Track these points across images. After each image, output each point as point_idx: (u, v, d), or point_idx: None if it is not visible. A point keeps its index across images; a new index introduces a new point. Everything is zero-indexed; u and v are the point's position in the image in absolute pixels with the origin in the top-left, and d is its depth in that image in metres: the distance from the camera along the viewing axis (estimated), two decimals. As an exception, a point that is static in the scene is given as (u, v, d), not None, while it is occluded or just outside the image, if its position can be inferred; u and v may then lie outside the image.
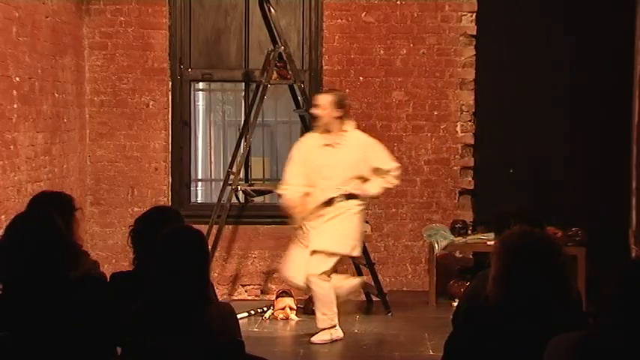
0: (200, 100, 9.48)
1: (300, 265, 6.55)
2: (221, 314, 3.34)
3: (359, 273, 7.79)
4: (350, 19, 7.99)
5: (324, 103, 6.55)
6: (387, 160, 6.68)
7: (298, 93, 7.59)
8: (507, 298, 2.97)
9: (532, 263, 2.96)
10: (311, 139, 6.74)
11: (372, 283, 7.47)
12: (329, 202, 6.56)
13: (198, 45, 8.18)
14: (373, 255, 7.74)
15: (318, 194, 6.58)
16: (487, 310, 3.02)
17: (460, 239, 7.69)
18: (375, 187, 6.65)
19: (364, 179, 6.62)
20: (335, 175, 6.54)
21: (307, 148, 6.69)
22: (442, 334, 4.32)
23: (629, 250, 7.59)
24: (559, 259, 3.02)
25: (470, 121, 8.05)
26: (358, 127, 8.00)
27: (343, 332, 6.59)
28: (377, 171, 6.62)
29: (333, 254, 6.53)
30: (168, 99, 8.08)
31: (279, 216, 8.17)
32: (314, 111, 6.64)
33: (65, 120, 7.35)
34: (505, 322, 2.96)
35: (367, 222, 8.02)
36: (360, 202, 6.63)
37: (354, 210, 6.59)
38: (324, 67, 8.02)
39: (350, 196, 6.57)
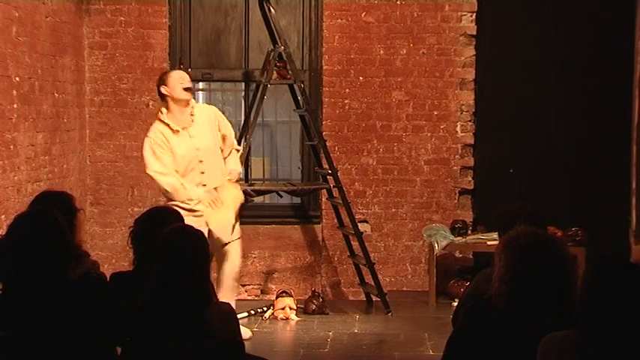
0: (200, 100, 9.47)
1: None
2: (221, 314, 3.34)
3: (359, 273, 7.80)
4: (350, 19, 7.99)
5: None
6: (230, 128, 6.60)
7: (298, 93, 7.59)
8: (511, 297, 2.97)
9: (537, 263, 2.97)
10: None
11: (372, 283, 7.47)
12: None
13: (198, 45, 8.18)
14: (373, 255, 7.75)
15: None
16: (491, 310, 3.02)
17: (460, 239, 7.70)
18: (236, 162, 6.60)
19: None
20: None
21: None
22: (442, 334, 4.34)
23: (629, 250, 7.59)
24: (564, 258, 3.02)
25: (470, 121, 8.05)
26: (358, 127, 8.04)
27: (343, 332, 6.59)
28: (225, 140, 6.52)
29: None
30: (168, 99, 8.07)
31: (279, 216, 8.21)
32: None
33: (65, 120, 7.35)
34: (509, 321, 2.96)
35: (367, 222, 8.04)
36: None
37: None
38: (324, 67, 8.02)
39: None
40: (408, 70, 8.01)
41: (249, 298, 8.06)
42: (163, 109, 6.36)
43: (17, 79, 6.22)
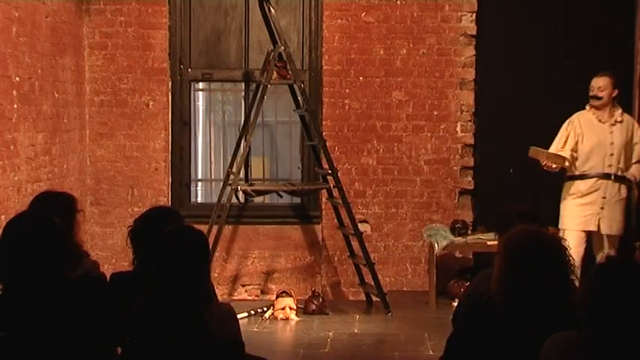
0: (200, 100, 9.47)
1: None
2: (221, 314, 3.34)
3: (359, 273, 7.80)
4: (350, 19, 7.99)
5: (604, 84, 6.88)
6: None
7: (298, 93, 7.59)
8: (511, 297, 2.97)
9: (536, 263, 2.97)
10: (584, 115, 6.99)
11: (372, 283, 7.47)
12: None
13: (198, 45, 8.18)
14: (373, 255, 7.75)
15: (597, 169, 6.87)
16: (491, 309, 3.03)
17: (460, 239, 7.70)
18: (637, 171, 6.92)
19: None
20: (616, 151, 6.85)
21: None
22: (442, 334, 4.33)
23: (629, 249, 7.58)
24: (563, 258, 3.03)
25: (470, 121, 8.05)
26: (358, 127, 8.04)
27: (343, 332, 6.59)
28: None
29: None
30: (168, 99, 8.08)
31: (279, 216, 8.21)
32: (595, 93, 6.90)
33: (65, 120, 7.35)
34: (509, 320, 2.96)
35: (367, 222, 8.04)
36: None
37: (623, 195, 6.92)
38: (324, 67, 8.02)
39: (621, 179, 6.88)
40: (408, 70, 8.01)
41: (249, 298, 8.06)
42: None
43: (17, 79, 6.22)
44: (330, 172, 7.46)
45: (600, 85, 6.90)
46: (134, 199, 8.05)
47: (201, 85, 8.76)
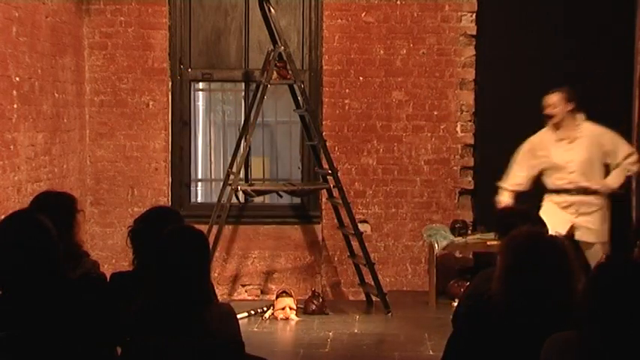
0: (200, 100, 9.47)
1: None
2: (221, 314, 3.34)
3: (359, 273, 7.80)
4: (350, 19, 7.99)
5: (555, 101, 6.79)
6: (622, 147, 6.85)
7: (298, 93, 7.59)
8: (513, 297, 2.98)
9: (538, 264, 2.97)
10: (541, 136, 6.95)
11: (372, 283, 7.47)
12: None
13: (198, 45, 8.18)
14: (373, 255, 7.75)
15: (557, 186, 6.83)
16: (491, 310, 3.03)
17: (460, 239, 7.70)
18: (616, 178, 6.81)
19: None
20: (575, 168, 6.77)
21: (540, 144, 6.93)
22: (442, 334, 4.33)
23: (629, 249, 7.58)
24: (565, 259, 3.03)
25: (470, 121, 8.05)
26: (358, 127, 8.04)
27: (343, 332, 6.60)
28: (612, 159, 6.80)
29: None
30: (168, 99, 8.08)
31: (279, 216, 8.21)
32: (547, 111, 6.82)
33: (65, 120, 7.35)
34: (510, 321, 2.97)
35: (367, 222, 8.04)
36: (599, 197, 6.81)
37: (594, 208, 6.82)
38: (324, 67, 8.02)
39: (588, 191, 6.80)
40: (408, 70, 8.01)
41: (249, 298, 8.06)
42: None
43: (17, 79, 6.22)
44: (330, 172, 7.46)
45: (550, 102, 6.81)
46: (134, 199, 8.05)
47: (201, 85, 8.76)
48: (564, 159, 6.79)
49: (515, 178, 6.97)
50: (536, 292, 2.96)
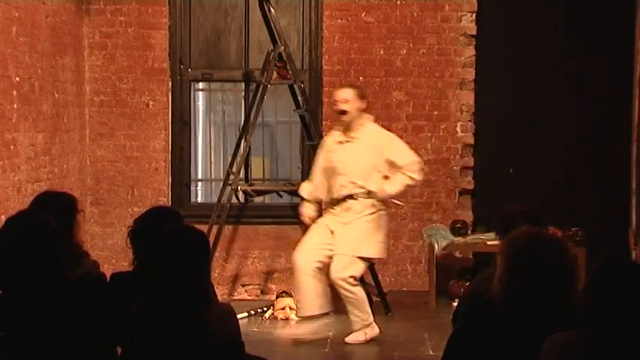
0: (200, 100, 9.47)
1: (311, 252, 6.49)
2: (221, 314, 3.34)
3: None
4: (350, 19, 7.99)
5: (348, 97, 6.44)
6: (404, 155, 6.50)
7: (298, 93, 7.59)
8: (513, 298, 2.98)
9: (539, 264, 2.97)
10: (331, 136, 6.69)
11: (372, 283, 7.46)
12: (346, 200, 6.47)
13: (198, 45, 8.18)
14: (373, 255, 7.74)
15: (335, 191, 6.51)
16: (491, 310, 3.03)
17: (460, 239, 7.69)
18: (393, 185, 6.47)
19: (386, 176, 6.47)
20: (349, 171, 6.44)
21: (327, 146, 6.65)
22: (442, 334, 4.33)
23: (629, 250, 7.59)
24: (566, 259, 3.03)
25: (470, 121, 8.05)
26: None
27: (344, 332, 6.58)
28: (394, 166, 6.44)
29: (358, 258, 6.44)
30: (168, 99, 8.08)
31: (279, 216, 8.20)
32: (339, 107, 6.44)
33: (65, 120, 7.35)
34: (510, 321, 2.96)
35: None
36: (377, 202, 6.47)
37: (369, 211, 6.46)
38: (324, 67, 8.02)
39: (369, 195, 6.45)
40: (408, 70, 8.01)
41: (249, 298, 8.06)
42: None
43: (17, 79, 6.22)
44: (330, 172, 7.45)
45: (342, 97, 6.41)
46: (134, 199, 8.05)
47: (201, 85, 8.76)
48: (337, 159, 6.46)
49: (313, 186, 6.67)
50: (537, 292, 2.95)
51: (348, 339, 6.49)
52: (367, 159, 6.42)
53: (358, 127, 6.48)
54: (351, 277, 6.39)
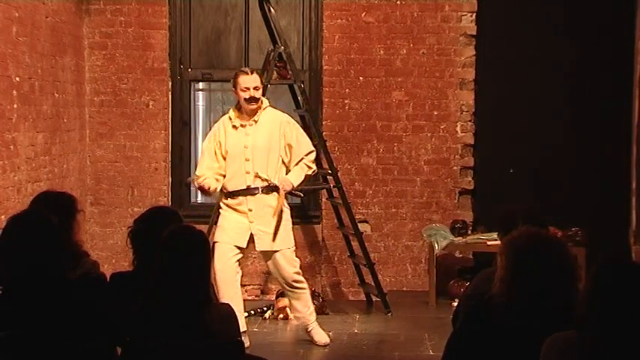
0: (200, 100, 9.46)
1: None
2: (221, 315, 3.35)
3: (359, 273, 7.80)
4: (350, 19, 7.99)
5: (259, 84, 6.21)
6: (305, 142, 6.33)
7: (298, 93, 7.59)
8: (514, 298, 2.98)
9: (540, 264, 2.97)
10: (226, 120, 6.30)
11: (372, 283, 7.47)
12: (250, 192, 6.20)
13: (198, 45, 8.18)
14: (373, 255, 7.74)
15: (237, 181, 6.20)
16: (492, 310, 3.03)
17: (460, 239, 7.70)
18: (296, 175, 6.28)
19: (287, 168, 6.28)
20: (254, 158, 6.16)
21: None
22: (442, 334, 4.33)
23: (629, 250, 7.59)
24: (566, 259, 3.03)
25: (470, 121, 8.05)
26: (358, 127, 8.04)
27: (343, 332, 6.59)
28: (293, 153, 6.25)
29: (287, 249, 6.32)
30: (168, 99, 8.09)
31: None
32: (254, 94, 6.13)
33: (65, 120, 7.35)
34: (511, 321, 2.97)
35: (367, 222, 8.04)
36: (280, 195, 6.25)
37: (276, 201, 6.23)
38: (324, 67, 8.02)
39: (273, 188, 6.23)
40: (408, 70, 8.01)
41: (249, 298, 8.06)
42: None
43: (17, 79, 6.22)
44: (330, 172, 7.46)
45: (253, 85, 6.11)
46: (134, 199, 8.05)
47: (201, 85, 8.76)
48: (241, 144, 6.13)
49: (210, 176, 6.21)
50: (537, 292, 2.95)
51: (319, 342, 6.45)
52: (269, 145, 6.17)
53: (257, 110, 6.23)
54: (300, 268, 6.42)
